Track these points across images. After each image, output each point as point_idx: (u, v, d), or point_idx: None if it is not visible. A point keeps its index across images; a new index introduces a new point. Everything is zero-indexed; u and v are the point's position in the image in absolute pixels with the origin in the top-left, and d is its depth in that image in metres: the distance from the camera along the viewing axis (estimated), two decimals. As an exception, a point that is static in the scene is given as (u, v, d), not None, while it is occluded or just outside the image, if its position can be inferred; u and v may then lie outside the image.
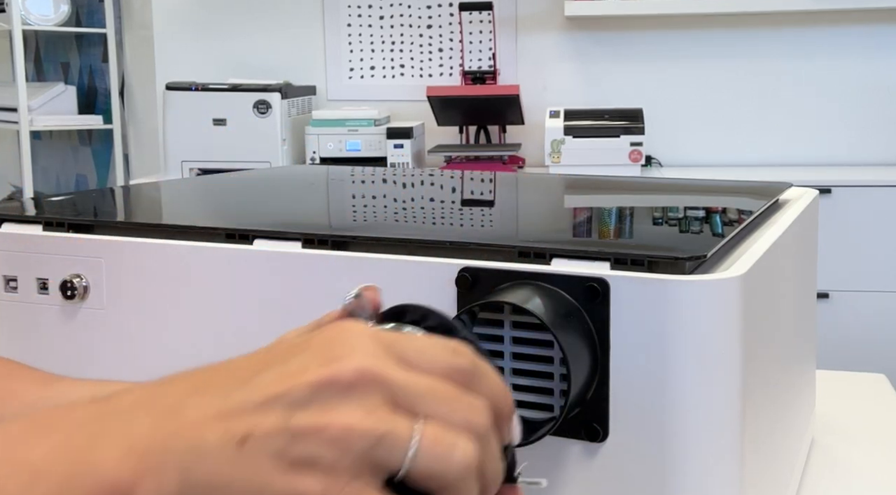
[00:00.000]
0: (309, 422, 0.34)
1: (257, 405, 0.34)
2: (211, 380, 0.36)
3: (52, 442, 0.34)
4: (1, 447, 0.34)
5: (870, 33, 2.99)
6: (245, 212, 0.78)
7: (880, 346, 2.61)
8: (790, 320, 0.70)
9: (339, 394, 0.34)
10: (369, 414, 0.34)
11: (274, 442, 0.34)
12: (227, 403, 0.35)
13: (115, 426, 0.35)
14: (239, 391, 0.35)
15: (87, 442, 0.34)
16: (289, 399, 0.34)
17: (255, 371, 0.36)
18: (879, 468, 0.84)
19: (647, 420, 0.50)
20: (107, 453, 0.34)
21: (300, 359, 0.36)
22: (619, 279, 0.50)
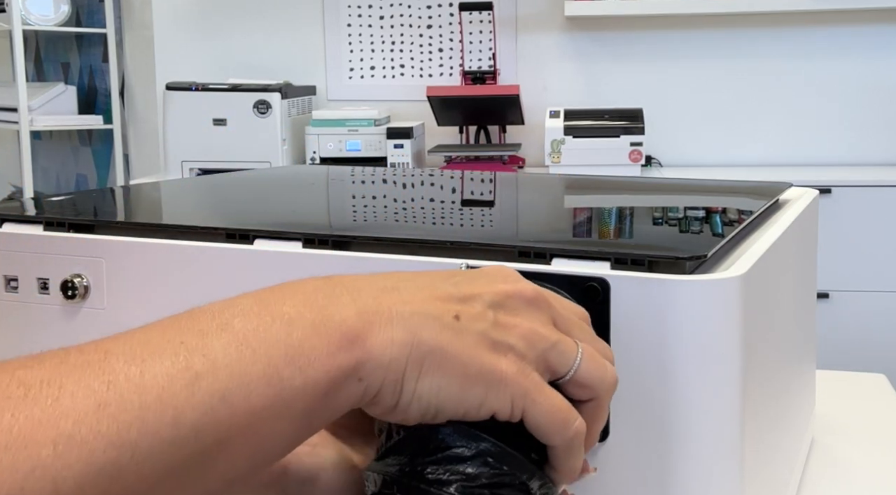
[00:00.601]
0: (505, 319, 0.41)
1: (463, 297, 0.41)
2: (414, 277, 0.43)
3: (296, 300, 0.39)
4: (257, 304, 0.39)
5: (870, 33, 2.99)
6: (245, 212, 0.78)
7: (880, 346, 2.61)
8: (790, 320, 0.70)
9: (523, 305, 0.42)
10: (546, 325, 0.42)
11: (480, 324, 0.41)
12: (437, 291, 0.41)
13: (345, 295, 0.40)
14: (444, 285, 0.42)
15: (325, 301, 0.39)
16: (486, 299, 0.42)
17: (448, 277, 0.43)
18: (879, 468, 0.84)
19: (648, 420, 0.50)
20: (343, 310, 0.39)
21: (485, 278, 0.43)
22: (620, 279, 0.50)
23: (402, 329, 0.39)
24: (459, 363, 0.40)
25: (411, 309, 0.40)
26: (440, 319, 0.40)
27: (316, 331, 0.38)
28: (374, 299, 0.40)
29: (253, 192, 0.86)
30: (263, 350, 0.37)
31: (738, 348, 0.50)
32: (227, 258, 0.60)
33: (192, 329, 0.37)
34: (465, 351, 0.40)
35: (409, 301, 0.40)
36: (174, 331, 0.37)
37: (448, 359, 0.40)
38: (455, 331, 0.40)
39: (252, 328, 0.37)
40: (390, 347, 0.39)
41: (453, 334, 0.40)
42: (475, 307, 0.41)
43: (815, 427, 0.90)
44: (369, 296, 0.40)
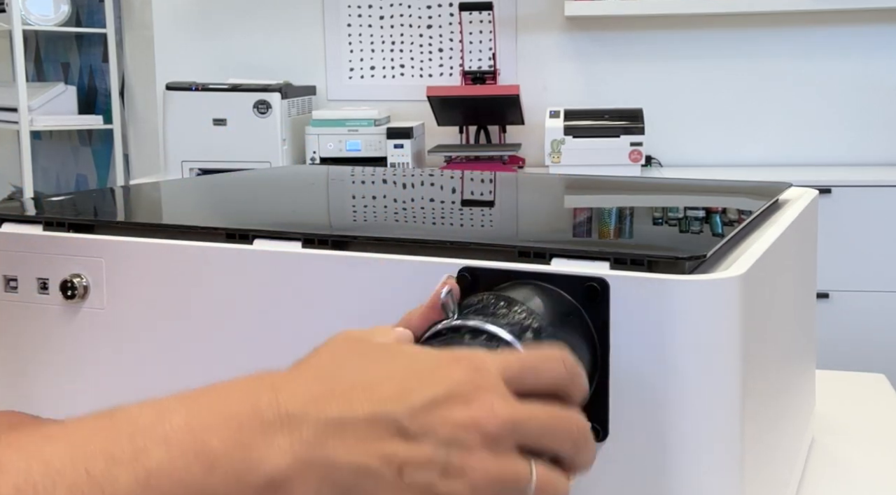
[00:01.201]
0: (458, 463, 0.38)
1: (415, 435, 0.38)
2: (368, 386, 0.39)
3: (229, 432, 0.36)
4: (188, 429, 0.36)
5: (870, 33, 2.99)
6: (245, 212, 0.78)
7: (880, 346, 2.61)
8: (790, 320, 0.70)
9: (482, 440, 0.39)
10: (503, 461, 0.39)
11: (428, 476, 0.38)
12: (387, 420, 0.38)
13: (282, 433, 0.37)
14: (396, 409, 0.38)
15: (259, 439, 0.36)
16: (441, 436, 0.38)
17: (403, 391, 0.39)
18: (879, 468, 0.84)
19: (647, 419, 0.50)
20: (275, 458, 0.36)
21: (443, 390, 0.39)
22: (619, 279, 0.50)
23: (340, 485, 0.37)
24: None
25: (350, 462, 0.37)
26: (379, 474, 0.37)
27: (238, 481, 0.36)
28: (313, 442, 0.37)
29: (253, 192, 0.86)
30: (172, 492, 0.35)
31: (738, 348, 0.50)
32: (227, 258, 0.60)
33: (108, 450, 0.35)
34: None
35: (352, 449, 0.37)
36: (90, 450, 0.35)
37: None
38: (394, 488, 0.37)
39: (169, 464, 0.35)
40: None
41: (392, 490, 0.37)
42: (424, 450, 0.38)
43: (815, 427, 0.90)
44: (310, 436, 0.37)
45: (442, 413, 0.39)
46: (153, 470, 0.35)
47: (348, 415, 0.38)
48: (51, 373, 0.66)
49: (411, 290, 0.54)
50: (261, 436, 0.37)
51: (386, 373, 0.40)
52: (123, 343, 0.64)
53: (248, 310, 0.60)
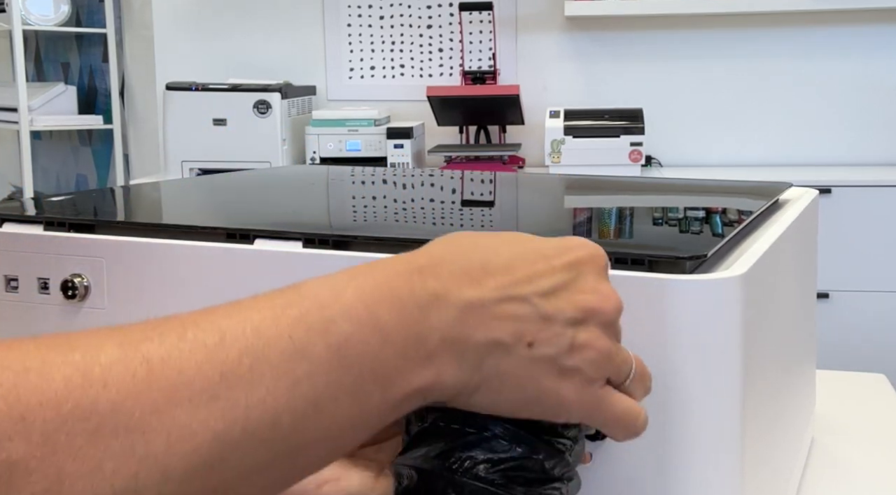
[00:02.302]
0: (580, 341, 0.42)
1: (542, 311, 0.41)
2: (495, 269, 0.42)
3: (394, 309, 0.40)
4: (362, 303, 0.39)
5: (870, 33, 2.99)
6: (245, 212, 0.78)
7: (880, 346, 2.61)
8: (790, 320, 0.70)
9: (601, 324, 0.42)
10: (614, 344, 0.43)
11: (553, 349, 0.41)
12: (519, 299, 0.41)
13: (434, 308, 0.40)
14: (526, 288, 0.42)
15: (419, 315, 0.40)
16: (567, 316, 0.42)
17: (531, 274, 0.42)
18: (879, 468, 0.84)
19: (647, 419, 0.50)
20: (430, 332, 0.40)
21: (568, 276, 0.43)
22: (620, 278, 0.50)
23: (474, 359, 0.40)
24: (519, 388, 0.41)
25: (486, 336, 0.41)
26: (513, 347, 0.41)
27: (405, 351, 0.39)
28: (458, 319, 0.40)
29: (253, 192, 0.86)
30: (357, 362, 0.38)
31: (738, 348, 0.50)
32: (227, 258, 0.60)
33: (300, 321, 0.38)
34: (528, 378, 0.41)
35: (488, 324, 0.41)
36: (286, 318, 0.38)
37: (508, 385, 0.41)
38: (525, 359, 0.41)
39: (353, 335, 0.38)
40: (458, 374, 0.40)
41: (521, 363, 0.41)
42: (553, 328, 0.42)
43: (815, 427, 0.90)
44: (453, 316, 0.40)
45: (568, 296, 0.42)
46: (342, 340, 0.38)
47: (486, 296, 0.41)
48: (51, 373, 0.66)
49: (412, 290, 0.54)
50: (419, 314, 0.40)
51: (517, 254, 0.43)
52: (124, 343, 0.63)
53: (249, 309, 0.60)
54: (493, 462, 0.42)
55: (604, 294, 0.43)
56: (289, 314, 0.38)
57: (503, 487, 0.41)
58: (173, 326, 0.37)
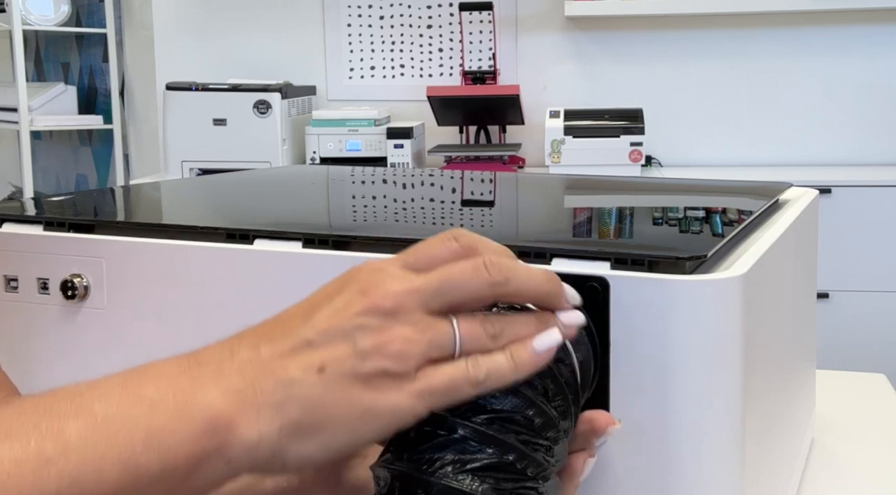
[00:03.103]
0: (370, 343, 0.40)
1: (321, 339, 0.40)
2: (273, 330, 0.42)
3: (160, 383, 0.39)
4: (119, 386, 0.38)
5: (870, 33, 2.99)
6: (245, 212, 0.78)
7: (880, 346, 2.61)
8: (790, 320, 0.70)
9: (384, 317, 0.41)
10: (414, 326, 0.41)
11: (346, 364, 0.40)
12: (295, 342, 0.41)
13: (208, 376, 0.39)
14: (300, 330, 0.41)
15: (189, 385, 0.39)
16: (345, 328, 0.41)
17: (306, 315, 0.42)
18: (879, 468, 0.84)
19: (647, 419, 0.50)
20: (208, 394, 0.39)
21: (342, 297, 0.42)
22: (620, 279, 0.50)
23: (268, 405, 0.39)
24: (339, 415, 0.40)
25: (274, 381, 0.39)
26: (304, 381, 0.40)
27: (179, 416, 0.38)
28: (238, 375, 0.40)
29: (253, 192, 0.86)
30: (121, 435, 0.37)
31: (738, 348, 0.50)
32: (227, 258, 0.60)
33: (49, 411, 0.37)
34: (339, 402, 0.40)
35: (271, 368, 0.40)
36: (31, 413, 0.37)
37: (325, 418, 0.40)
38: (323, 386, 0.40)
39: (112, 411, 0.37)
40: (258, 427, 0.39)
41: (322, 390, 0.40)
42: (336, 346, 0.40)
43: (815, 427, 0.90)
44: (233, 373, 0.40)
45: (342, 313, 0.41)
46: (98, 418, 0.37)
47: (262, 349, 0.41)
48: (51, 373, 0.66)
49: (412, 290, 0.54)
50: (190, 383, 0.39)
51: (295, 310, 0.43)
52: (124, 343, 0.64)
53: (249, 310, 0.60)
54: (462, 462, 0.42)
55: (379, 290, 0.41)
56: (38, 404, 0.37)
57: (470, 487, 0.41)
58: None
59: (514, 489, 0.42)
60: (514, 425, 0.43)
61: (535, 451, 0.43)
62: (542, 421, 0.44)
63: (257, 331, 0.43)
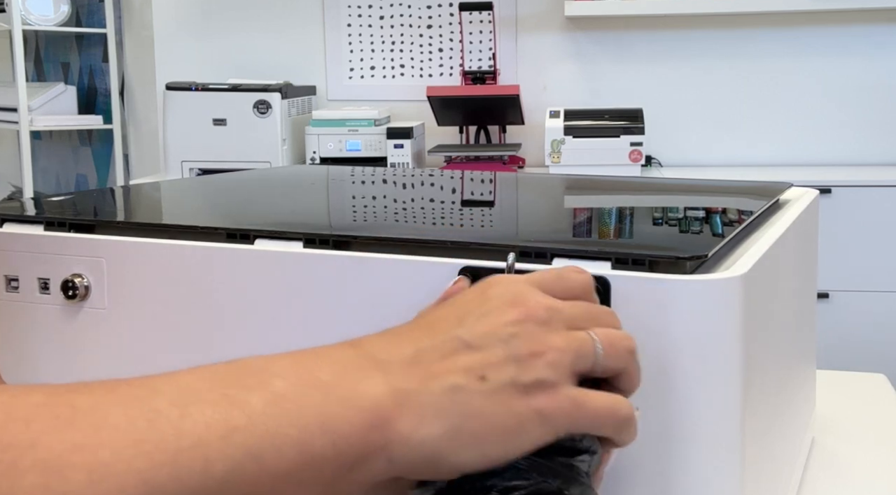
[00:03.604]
0: (527, 351, 0.41)
1: (479, 342, 0.41)
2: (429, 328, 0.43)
3: (333, 369, 0.40)
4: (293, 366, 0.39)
5: (870, 33, 2.99)
6: (246, 212, 0.78)
7: (880, 346, 2.61)
8: (790, 320, 0.70)
9: (537, 327, 0.42)
10: (565, 337, 0.42)
11: (506, 372, 0.41)
12: (455, 344, 0.41)
13: (376, 370, 0.40)
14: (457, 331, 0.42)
15: (358, 375, 0.40)
16: (502, 336, 0.41)
17: (459, 319, 0.43)
18: (879, 468, 0.84)
19: (648, 419, 0.50)
20: (374, 388, 0.39)
21: (491, 305, 0.43)
22: (620, 278, 0.50)
23: (433, 409, 0.40)
24: (497, 425, 0.40)
25: (440, 385, 0.40)
26: (468, 388, 0.40)
27: (351, 407, 0.39)
28: (403, 376, 0.40)
29: (253, 192, 0.86)
30: (299, 414, 0.37)
31: (738, 348, 0.50)
32: (227, 258, 0.60)
33: (235, 382, 0.38)
34: (499, 411, 0.40)
35: (436, 374, 0.41)
36: (218, 380, 0.38)
37: (485, 427, 0.40)
38: (485, 394, 0.40)
39: (291, 391, 0.38)
40: (421, 429, 0.39)
41: (484, 399, 0.40)
42: (495, 353, 0.41)
43: (815, 427, 0.90)
44: (399, 372, 0.40)
45: (496, 320, 0.42)
46: (279, 394, 0.37)
47: (421, 346, 0.42)
48: (52, 373, 0.66)
49: (412, 290, 0.54)
50: (360, 373, 0.40)
51: (441, 314, 0.44)
52: (124, 343, 0.64)
53: (249, 310, 0.60)
54: (508, 489, 0.41)
55: (531, 301, 0.43)
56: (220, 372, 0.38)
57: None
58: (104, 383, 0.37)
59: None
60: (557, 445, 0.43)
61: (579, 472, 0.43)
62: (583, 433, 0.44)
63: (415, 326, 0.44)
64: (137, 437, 0.34)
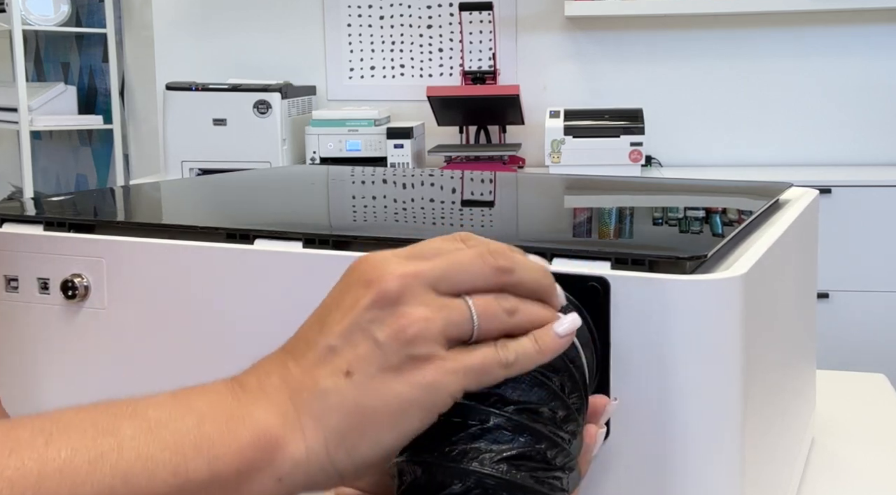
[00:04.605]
0: (388, 333, 0.40)
1: (340, 342, 0.40)
2: (296, 346, 0.42)
3: (209, 398, 0.39)
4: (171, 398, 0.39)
5: (870, 33, 2.99)
6: (246, 212, 0.78)
7: (880, 346, 2.61)
8: (790, 320, 0.70)
9: (395, 303, 0.40)
10: (427, 306, 0.41)
11: (372, 360, 0.40)
12: (318, 352, 0.41)
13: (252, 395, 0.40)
14: (319, 339, 0.41)
15: (236, 403, 0.40)
16: (360, 324, 0.40)
17: (321, 323, 0.42)
18: (879, 468, 0.84)
19: (648, 419, 0.50)
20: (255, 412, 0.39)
21: (349, 295, 0.42)
22: (620, 278, 0.50)
23: (309, 420, 0.39)
24: (379, 413, 0.40)
25: (308, 392, 0.40)
26: (336, 388, 0.40)
27: (228, 427, 0.38)
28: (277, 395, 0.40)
29: (253, 192, 0.86)
30: (173, 438, 0.37)
31: (738, 348, 0.50)
32: (227, 258, 0.60)
33: (106, 412, 0.38)
34: (376, 399, 0.40)
35: (303, 383, 0.40)
36: (88, 412, 0.38)
37: (367, 419, 0.40)
38: (355, 389, 0.40)
39: (164, 417, 0.38)
40: (303, 442, 0.39)
41: (357, 392, 0.40)
42: (357, 345, 0.40)
43: (815, 427, 0.90)
44: (274, 392, 0.40)
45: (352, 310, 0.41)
46: (151, 420, 0.37)
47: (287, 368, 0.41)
48: (52, 373, 0.66)
49: (412, 290, 0.54)
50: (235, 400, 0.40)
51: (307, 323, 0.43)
52: (124, 343, 0.64)
53: (249, 310, 0.60)
54: (497, 452, 0.42)
55: (373, 280, 0.41)
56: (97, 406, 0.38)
57: (508, 475, 0.41)
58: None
59: (545, 478, 0.43)
60: (541, 416, 0.43)
61: (562, 442, 0.44)
62: (564, 414, 0.44)
63: (284, 350, 0.43)
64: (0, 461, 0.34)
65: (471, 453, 0.42)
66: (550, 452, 0.43)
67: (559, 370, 0.45)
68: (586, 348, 0.49)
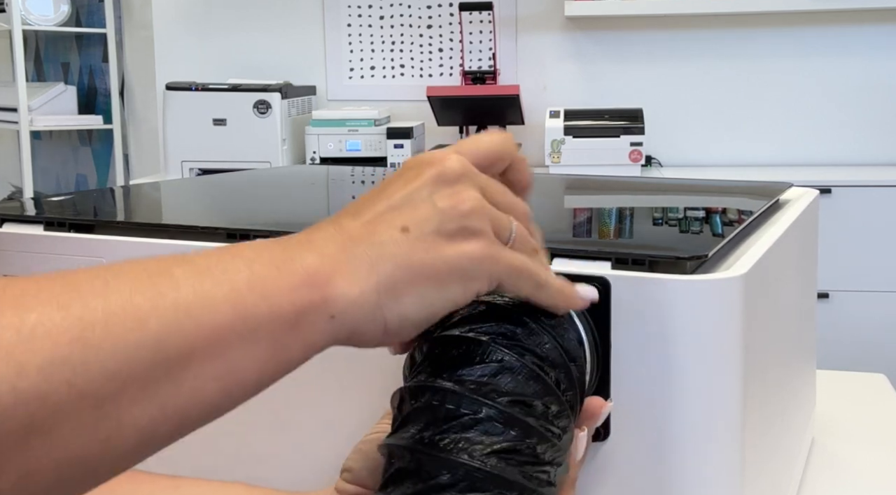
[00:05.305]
0: (447, 202, 0.43)
1: (401, 203, 0.43)
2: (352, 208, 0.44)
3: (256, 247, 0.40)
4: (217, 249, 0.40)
5: (870, 33, 2.99)
6: (245, 212, 0.78)
7: (880, 346, 2.61)
8: (790, 320, 0.70)
9: (453, 182, 0.44)
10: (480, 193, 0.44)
11: (429, 222, 0.42)
12: (378, 209, 0.43)
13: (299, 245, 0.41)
14: (380, 201, 0.44)
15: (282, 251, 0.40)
16: (421, 192, 0.43)
17: (382, 191, 0.44)
18: (879, 468, 0.84)
19: (648, 419, 0.50)
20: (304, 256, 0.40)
21: (412, 172, 0.44)
22: (621, 278, 0.50)
23: (364, 265, 0.41)
24: (428, 270, 0.42)
25: (365, 242, 0.42)
26: (392, 237, 0.42)
27: (278, 270, 0.39)
28: (330, 244, 0.41)
29: (253, 192, 0.86)
30: (226, 278, 0.38)
31: (738, 348, 0.50)
32: (227, 258, 0.60)
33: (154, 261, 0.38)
34: (427, 257, 0.42)
35: (358, 236, 0.42)
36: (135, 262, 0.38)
37: (417, 275, 0.42)
38: (411, 243, 0.42)
39: (214, 263, 0.38)
40: (355, 284, 0.40)
41: (410, 248, 0.42)
42: (417, 207, 0.43)
43: (815, 427, 0.90)
44: (323, 242, 0.41)
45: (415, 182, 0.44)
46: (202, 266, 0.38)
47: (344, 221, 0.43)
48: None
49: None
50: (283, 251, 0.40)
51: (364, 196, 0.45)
52: (124, 343, 0.63)
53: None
54: (487, 444, 0.42)
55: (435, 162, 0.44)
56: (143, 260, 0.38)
57: (496, 469, 0.42)
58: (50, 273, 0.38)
59: (533, 473, 0.43)
60: (534, 410, 0.43)
61: (552, 437, 0.44)
62: (557, 409, 0.45)
63: (337, 214, 0.44)
64: (59, 302, 0.35)
65: (461, 443, 0.42)
66: (540, 447, 0.43)
67: (557, 365, 0.45)
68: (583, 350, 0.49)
